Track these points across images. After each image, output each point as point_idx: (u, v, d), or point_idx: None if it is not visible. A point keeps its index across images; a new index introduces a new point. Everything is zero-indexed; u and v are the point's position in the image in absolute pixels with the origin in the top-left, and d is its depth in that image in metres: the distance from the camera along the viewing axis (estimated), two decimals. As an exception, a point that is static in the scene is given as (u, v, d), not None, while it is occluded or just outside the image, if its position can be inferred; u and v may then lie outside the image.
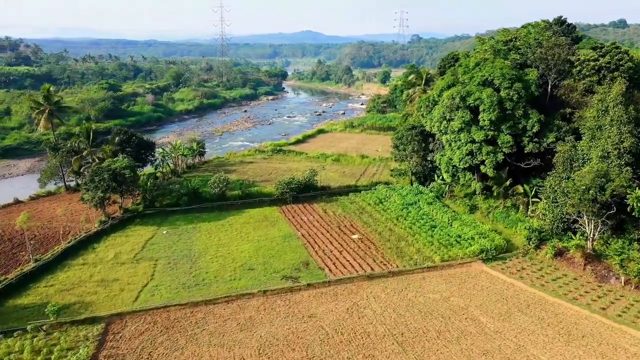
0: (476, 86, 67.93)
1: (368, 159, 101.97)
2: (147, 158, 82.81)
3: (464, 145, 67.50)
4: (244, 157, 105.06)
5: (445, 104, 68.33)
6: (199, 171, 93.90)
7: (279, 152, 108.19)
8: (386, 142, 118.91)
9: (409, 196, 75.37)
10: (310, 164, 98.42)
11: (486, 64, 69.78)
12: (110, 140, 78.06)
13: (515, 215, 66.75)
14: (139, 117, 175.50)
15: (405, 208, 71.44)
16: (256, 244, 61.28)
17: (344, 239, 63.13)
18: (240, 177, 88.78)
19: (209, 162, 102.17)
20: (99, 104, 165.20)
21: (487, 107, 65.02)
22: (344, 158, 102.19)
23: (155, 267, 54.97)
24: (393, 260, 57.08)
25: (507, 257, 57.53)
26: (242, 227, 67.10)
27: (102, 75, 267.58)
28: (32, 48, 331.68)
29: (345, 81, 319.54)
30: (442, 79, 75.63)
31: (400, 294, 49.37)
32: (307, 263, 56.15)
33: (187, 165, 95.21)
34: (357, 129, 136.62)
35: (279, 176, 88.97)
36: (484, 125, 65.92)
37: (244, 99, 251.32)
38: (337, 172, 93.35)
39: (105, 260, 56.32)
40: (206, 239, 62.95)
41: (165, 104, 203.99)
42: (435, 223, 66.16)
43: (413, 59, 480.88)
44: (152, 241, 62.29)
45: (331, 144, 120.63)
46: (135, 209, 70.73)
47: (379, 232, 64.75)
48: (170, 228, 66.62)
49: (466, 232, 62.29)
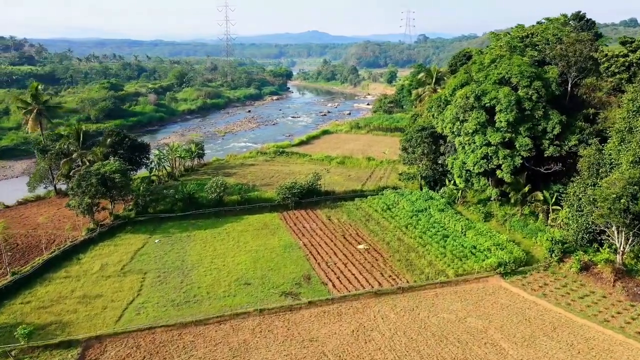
0: (492, 85, 62.84)
1: (375, 161, 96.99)
2: (142, 161, 78.20)
3: (479, 148, 62.39)
4: (245, 160, 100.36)
5: (459, 103, 63.29)
6: (198, 174, 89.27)
7: (282, 154, 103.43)
8: (393, 143, 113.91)
9: (419, 202, 70.36)
10: (314, 167, 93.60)
11: (502, 60, 64.66)
12: (102, 142, 73.51)
13: (534, 224, 61.58)
14: (141, 117, 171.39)
15: (414, 215, 66.45)
16: (254, 255, 56.48)
17: (349, 250, 58.23)
18: (241, 180, 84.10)
19: (209, 164, 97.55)
20: (100, 103, 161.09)
21: (504, 107, 59.90)
22: (349, 160, 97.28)
23: (144, 281, 50.28)
24: (403, 274, 52.11)
25: (527, 271, 52.39)
26: (239, 235, 62.34)
27: (106, 75, 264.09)
28: (36, 47, 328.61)
29: (351, 81, 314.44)
30: (455, 77, 70.54)
31: (411, 314, 44.40)
32: (309, 277, 51.28)
33: (185, 168, 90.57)
34: (363, 130, 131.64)
35: (281, 180, 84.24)
36: (500, 127, 60.80)
37: (248, 99, 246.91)
38: (342, 175, 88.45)
39: (89, 273, 51.69)
40: (201, 249, 58.22)
41: (167, 103, 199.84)
42: (448, 232, 61.12)
43: (420, 58, 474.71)
44: (142, 251, 57.62)
45: (336, 145, 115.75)
46: (126, 215, 66.13)
47: (386, 242, 59.80)
48: (163, 236, 61.95)
49: (482, 242, 57.20)
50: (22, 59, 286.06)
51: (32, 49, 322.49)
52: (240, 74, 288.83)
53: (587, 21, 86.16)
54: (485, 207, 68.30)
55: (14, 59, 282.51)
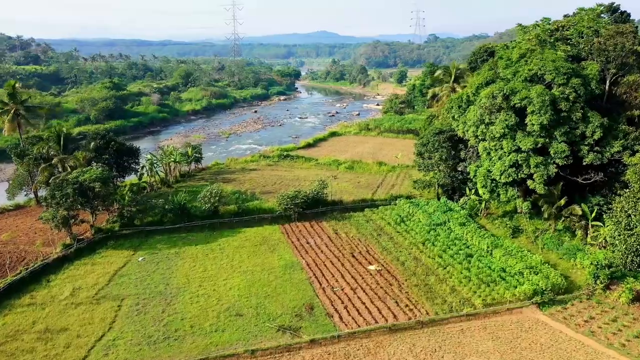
0: (522, 82, 54.77)
1: (386, 166, 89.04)
2: (131, 166, 70.88)
3: (507, 155, 54.35)
4: (246, 164, 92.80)
5: (484, 104, 55.27)
6: (195, 180, 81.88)
7: (286, 157, 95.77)
8: (405, 146, 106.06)
9: (437, 214, 62.44)
10: (321, 172, 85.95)
11: (534, 55, 56.55)
12: (84, 145, 66.32)
13: (571, 242, 53.48)
14: (142, 118, 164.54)
15: (432, 230, 58.55)
16: (250, 277, 48.88)
17: (358, 271, 50.45)
18: (240, 187, 76.61)
19: (207, 169, 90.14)
20: (100, 103, 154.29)
21: (536, 108, 51.82)
22: (358, 165, 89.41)
23: (119, 310, 42.83)
24: (421, 303, 44.25)
25: (567, 301, 44.34)
26: (234, 252, 54.77)
27: (111, 74, 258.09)
28: (42, 47, 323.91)
29: (360, 81, 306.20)
30: (478, 75, 62.57)
31: (433, 357, 36.57)
32: (312, 306, 43.56)
33: (181, 173, 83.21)
34: (373, 132, 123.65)
35: (284, 187, 76.69)
36: (532, 131, 52.74)
37: (255, 99, 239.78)
38: (350, 182, 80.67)
39: (58, 300, 44.33)
40: (189, 269, 50.71)
41: (171, 104, 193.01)
42: (472, 250, 53.15)
43: (430, 58, 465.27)
44: (123, 271, 50.21)
45: (344, 148, 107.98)
46: (110, 228, 58.84)
47: (401, 262, 51.95)
48: (148, 253, 54.52)
49: (512, 264, 49.18)
50: (28, 59, 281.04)
51: (39, 48, 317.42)
52: (248, 73, 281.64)
53: (621, 14, 77.52)
54: (512, 220, 60.22)
55: (19, 59, 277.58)
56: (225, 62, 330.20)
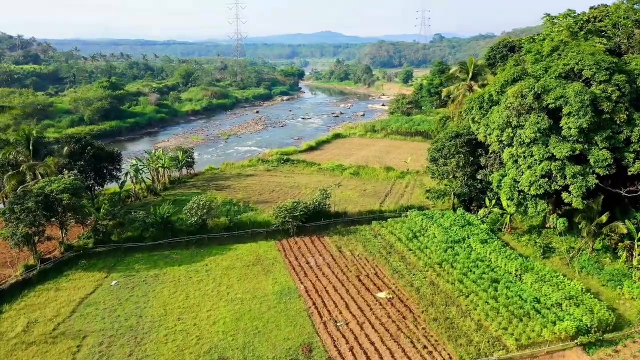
0: (556, 79, 46.98)
1: (394, 172, 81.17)
2: (112, 173, 63.40)
3: (538, 163, 46.53)
4: (242, 169, 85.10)
5: (511, 104, 47.45)
6: (185, 187, 74.28)
7: (286, 162, 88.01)
8: (414, 150, 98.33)
9: (454, 229, 54.65)
10: (323, 179, 78.30)
11: (569, 48, 48.68)
12: (57, 150, 58.91)
13: (613, 264, 45.65)
14: (139, 118, 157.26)
15: (450, 248, 50.78)
16: (238, 308, 41.29)
17: (365, 299, 42.77)
18: (235, 195, 69.06)
19: (201, 174, 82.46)
20: (95, 103, 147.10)
21: (574, 108, 43.98)
22: (364, 171, 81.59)
23: (78, 351, 35.29)
24: (442, 344, 36.51)
25: (618, 341, 36.52)
26: (223, 275, 47.18)
27: (111, 74, 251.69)
28: (42, 46, 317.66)
29: (365, 81, 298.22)
30: (504, 71, 54.67)
31: (461, 422, 28.87)
32: (310, 348, 35.91)
33: (171, 179, 75.62)
34: (379, 134, 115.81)
35: (283, 195, 69.13)
36: (568, 135, 44.91)
37: (258, 99, 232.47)
38: (355, 189, 72.93)
39: (6, 338, 36.81)
40: (168, 296, 43.18)
41: (171, 104, 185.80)
42: (497, 274, 45.34)
43: (435, 58, 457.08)
44: (91, 299, 42.72)
45: (349, 151, 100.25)
46: (82, 245, 51.36)
47: (416, 288, 44.22)
48: (123, 275, 47.03)
49: (547, 292, 41.40)
50: (27, 58, 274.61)
51: (39, 47, 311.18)
52: (250, 73, 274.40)
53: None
54: (541, 237, 52.37)
55: (19, 58, 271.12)
56: (228, 62, 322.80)
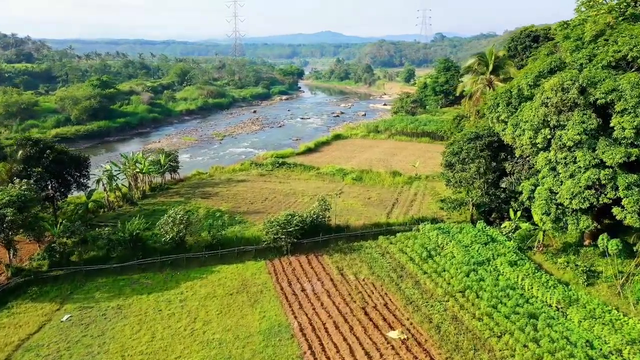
0: (603, 69, 38.47)
1: (401, 177, 72.54)
2: (80, 180, 54.76)
3: (583, 171, 37.97)
4: (233, 174, 76.43)
5: (549, 100, 38.91)
6: (167, 195, 65.62)
7: (282, 166, 79.35)
8: (422, 151, 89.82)
9: (476, 247, 46.10)
10: (322, 184, 69.78)
11: (617, 32, 40.16)
12: (10, 155, 50.38)
13: (676, 295, 37.10)
14: (130, 118, 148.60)
15: (473, 271, 42.21)
16: (214, 354, 32.65)
17: (374, 340, 34.18)
18: (222, 205, 60.57)
19: (186, 180, 73.78)
20: (83, 102, 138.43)
21: (630, 104, 35.49)
22: (368, 176, 72.95)
23: (-1, 422, 26.88)
24: (475, 408, 27.96)
25: (702, 404, 28.03)
26: (200, 306, 38.58)
27: (105, 72, 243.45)
28: (35, 45, 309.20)
29: (366, 80, 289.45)
30: (537, 60, 46.11)
31: None
32: (304, 415, 27.38)
33: (152, 186, 66.97)
34: (383, 135, 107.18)
35: (277, 204, 60.64)
36: (622, 138, 36.42)
37: (256, 98, 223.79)
38: (358, 197, 64.36)
39: None
40: (130, 337, 34.56)
41: (164, 103, 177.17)
42: (535, 307, 36.69)
43: (436, 58, 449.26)
44: (32, 341, 34.13)
45: (351, 154, 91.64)
46: (34, 268, 42.81)
47: (435, 325, 35.61)
48: (80, 307, 38.45)
49: (601, 334, 32.81)
50: (20, 57, 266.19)
51: (32, 46, 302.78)
52: (249, 72, 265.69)
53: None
54: (580, 257, 43.77)
55: (12, 57, 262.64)
56: (227, 61, 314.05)
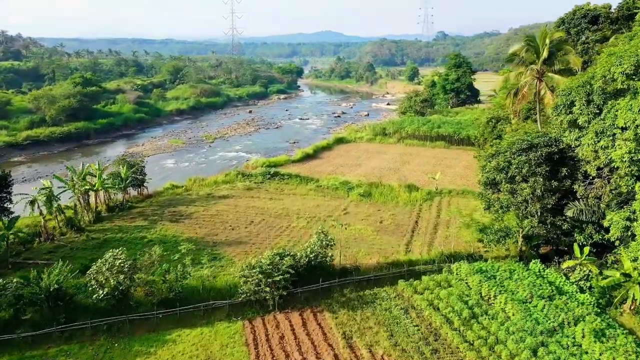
0: None
1: (419, 192, 58.55)
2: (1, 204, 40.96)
3: None
4: (215, 187, 62.31)
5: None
6: (128, 218, 51.49)
7: (274, 177, 65.36)
8: (438, 159, 76.21)
9: (539, 304, 32.21)
10: (322, 202, 56.04)
11: None
12: None
13: None
14: (114, 119, 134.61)
15: (542, 345, 28.49)
16: None
17: None
18: (194, 231, 46.87)
19: (157, 195, 59.64)
20: (61, 101, 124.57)
21: None
22: (378, 190, 58.99)
23: None
24: None
25: None
26: (135, 413, 24.95)
27: (95, 71, 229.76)
28: (24, 41, 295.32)
29: (367, 79, 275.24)
30: (631, 40, 32.31)
31: None
32: None
33: (110, 205, 52.99)
34: (391, 138, 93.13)
35: (265, 228, 47.08)
36: None
37: (252, 97, 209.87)
38: (368, 220, 50.52)
39: None
40: None
41: (154, 102, 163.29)
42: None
43: (438, 57, 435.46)
44: None
45: (356, 161, 77.80)
46: None
47: None
48: (-49, 413, 24.90)
49: None
50: (8, 54, 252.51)
51: (20, 43, 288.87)
52: (246, 70, 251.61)
53: None
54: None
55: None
56: (224, 59, 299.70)
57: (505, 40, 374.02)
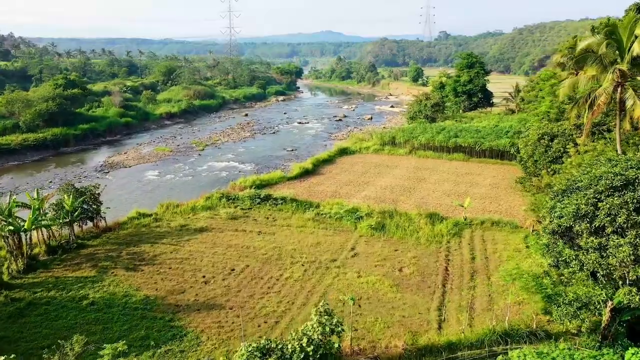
0: None
1: (443, 224, 46.21)
2: None
3: None
4: (192, 216, 49.84)
5: None
6: (73, 262, 39.41)
7: (265, 201, 53.08)
8: (457, 174, 64.07)
9: None
10: (324, 237, 43.85)
11: None
12: None
13: None
14: (97, 124, 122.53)
15: None
16: None
17: None
18: (153, 286, 34.86)
19: (118, 227, 47.23)
20: (38, 105, 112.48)
21: None
22: (393, 222, 46.51)
23: None
24: None
25: None
26: None
27: (86, 72, 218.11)
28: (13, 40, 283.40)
29: (369, 80, 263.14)
30: None
31: None
32: None
33: (51, 245, 40.75)
34: (402, 149, 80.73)
35: (249, 279, 34.94)
36: None
37: (249, 99, 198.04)
38: (383, 268, 38.31)
39: None
40: None
41: (143, 105, 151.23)
42: None
43: (440, 56, 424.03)
44: None
45: (363, 178, 65.63)
46: None
47: None
48: None
49: None
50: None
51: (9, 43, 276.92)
52: (243, 71, 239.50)
53: None
54: None
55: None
56: (220, 59, 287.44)
57: (510, 40, 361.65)
